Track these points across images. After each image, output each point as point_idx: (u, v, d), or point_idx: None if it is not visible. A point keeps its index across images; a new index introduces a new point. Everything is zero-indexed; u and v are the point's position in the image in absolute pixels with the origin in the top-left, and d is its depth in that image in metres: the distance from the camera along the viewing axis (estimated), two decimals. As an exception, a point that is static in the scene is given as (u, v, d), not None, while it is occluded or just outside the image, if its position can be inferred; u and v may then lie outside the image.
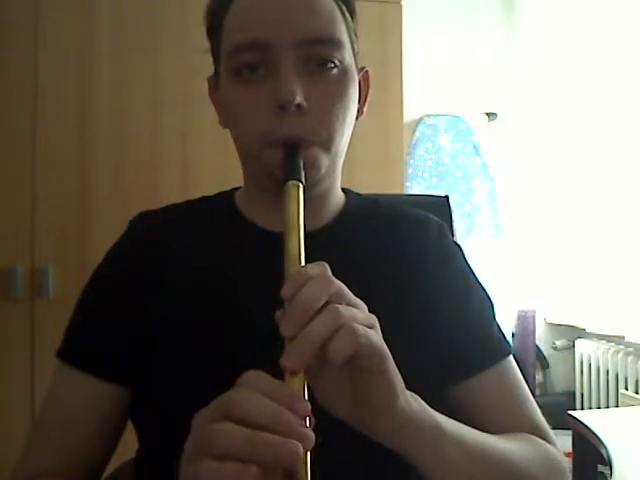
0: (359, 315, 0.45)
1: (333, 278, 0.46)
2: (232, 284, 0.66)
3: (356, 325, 0.44)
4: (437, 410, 0.54)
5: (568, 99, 2.69)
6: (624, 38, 2.39)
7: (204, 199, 0.77)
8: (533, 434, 0.66)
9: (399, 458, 0.52)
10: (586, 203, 2.62)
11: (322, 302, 0.44)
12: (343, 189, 0.76)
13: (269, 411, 0.39)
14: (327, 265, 0.47)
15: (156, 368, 0.64)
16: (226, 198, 0.76)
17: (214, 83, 0.71)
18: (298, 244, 0.49)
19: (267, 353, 0.44)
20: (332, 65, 0.63)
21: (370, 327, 0.46)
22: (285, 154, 0.60)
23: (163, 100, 1.71)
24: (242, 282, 0.66)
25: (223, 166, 1.64)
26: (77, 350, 0.68)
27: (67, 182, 1.65)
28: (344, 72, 0.65)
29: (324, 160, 0.64)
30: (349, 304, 0.46)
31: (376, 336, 0.46)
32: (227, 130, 0.71)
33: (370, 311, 0.48)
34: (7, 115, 1.63)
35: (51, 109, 1.64)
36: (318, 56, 0.63)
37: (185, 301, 0.66)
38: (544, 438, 0.67)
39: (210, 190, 0.79)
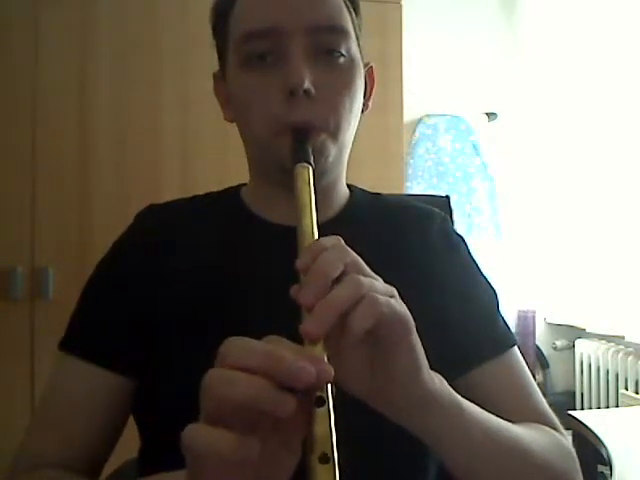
0: (378, 285, 0.45)
1: (348, 248, 0.45)
2: (237, 277, 0.67)
3: (378, 295, 0.43)
4: None
5: (568, 99, 2.69)
6: (624, 38, 2.39)
7: (211, 194, 0.78)
8: (541, 423, 0.66)
9: (416, 443, 0.51)
10: (586, 203, 2.62)
11: (339, 270, 0.43)
12: (348, 185, 0.77)
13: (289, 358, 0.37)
14: (340, 238, 0.46)
15: (158, 362, 0.64)
16: (232, 193, 0.77)
17: (220, 78, 0.72)
18: (311, 221, 0.49)
19: None
20: (340, 54, 0.65)
21: (390, 297, 0.45)
22: (294, 140, 0.61)
23: (163, 100, 1.71)
24: (247, 275, 0.67)
25: (223, 166, 1.64)
26: (78, 339, 0.69)
27: (67, 182, 1.65)
28: (351, 62, 0.66)
29: (332, 149, 0.65)
30: (366, 275, 0.45)
31: (398, 305, 0.45)
32: (227, 130, 0.71)
33: None
34: (7, 115, 1.63)
35: (51, 109, 1.64)
36: (326, 45, 0.64)
37: (189, 294, 0.66)
38: (552, 427, 0.67)
39: (210, 189, 0.79)
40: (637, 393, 2.32)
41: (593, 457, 1.29)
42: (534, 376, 0.73)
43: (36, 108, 1.63)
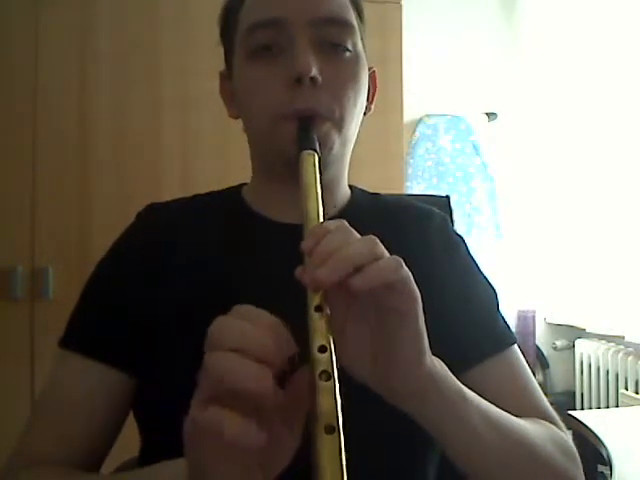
0: (387, 254, 0.44)
1: (353, 230, 0.45)
2: (238, 276, 0.67)
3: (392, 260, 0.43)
4: None
5: (568, 99, 2.69)
6: (624, 38, 2.39)
7: (212, 193, 0.78)
8: (542, 419, 0.66)
9: (417, 434, 0.51)
10: (586, 203, 2.62)
11: None
12: (349, 185, 0.77)
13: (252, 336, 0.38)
14: (344, 221, 0.46)
15: (159, 359, 0.64)
16: (233, 192, 0.77)
17: (225, 76, 0.73)
18: (316, 204, 0.49)
19: None
20: (345, 49, 0.65)
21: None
22: (299, 128, 0.61)
23: (163, 100, 1.71)
24: (249, 274, 0.67)
25: (223, 166, 1.64)
26: (79, 336, 0.69)
27: (67, 182, 1.65)
28: (356, 57, 0.67)
29: (336, 139, 0.65)
30: None
31: (408, 274, 0.44)
32: (227, 130, 0.71)
33: None
34: (7, 115, 1.63)
35: (51, 109, 1.64)
36: (331, 39, 0.65)
37: (190, 293, 0.66)
38: (553, 424, 0.67)
39: (210, 189, 0.79)
40: (637, 393, 2.32)
41: (593, 457, 1.29)
42: (534, 376, 0.73)
43: (36, 108, 1.63)
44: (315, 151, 0.57)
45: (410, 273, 0.44)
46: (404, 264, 0.44)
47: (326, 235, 0.43)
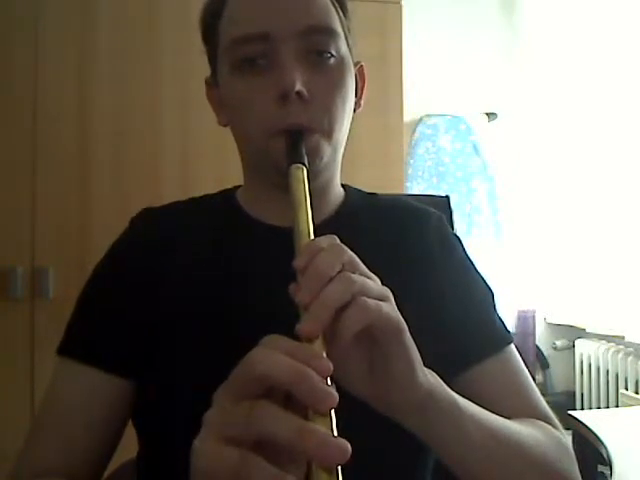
0: (372, 284, 0.45)
1: (345, 247, 0.46)
2: (233, 278, 0.67)
3: (366, 299, 0.43)
4: None
5: (568, 99, 2.69)
6: (624, 37, 2.39)
7: (206, 196, 0.78)
8: (539, 419, 0.67)
9: (414, 441, 0.52)
10: (586, 203, 2.62)
11: (336, 270, 0.44)
12: (342, 184, 0.77)
13: (289, 368, 0.36)
14: (336, 237, 0.47)
15: (158, 363, 0.64)
16: (228, 195, 0.77)
17: (212, 83, 0.73)
18: (307, 220, 0.50)
19: None
20: (330, 55, 0.65)
21: (383, 299, 0.45)
22: (288, 142, 0.61)
23: (163, 100, 1.71)
24: (243, 276, 0.67)
25: (223, 165, 1.64)
26: (78, 343, 0.69)
27: (67, 182, 1.65)
28: (341, 62, 0.66)
29: (326, 148, 0.65)
30: (362, 274, 0.46)
31: (389, 307, 0.45)
32: (227, 130, 0.72)
33: None
34: (7, 115, 1.63)
35: (51, 109, 1.64)
36: (316, 46, 0.64)
37: (186, 297, 0.66)
38: (549, 424, 0.67)
39: (210, 189, 0.79)
40: (637, 393, 2.32)
41: (593, 457, 1.29)
42: (534, 376, 0.73)
43: (36, 108, 1.63)
44: (304, 165, 0.57)
45: (394, 304, 0.45)
46: (389, 293, 0.45)
47: (318, 253, 0.44)
